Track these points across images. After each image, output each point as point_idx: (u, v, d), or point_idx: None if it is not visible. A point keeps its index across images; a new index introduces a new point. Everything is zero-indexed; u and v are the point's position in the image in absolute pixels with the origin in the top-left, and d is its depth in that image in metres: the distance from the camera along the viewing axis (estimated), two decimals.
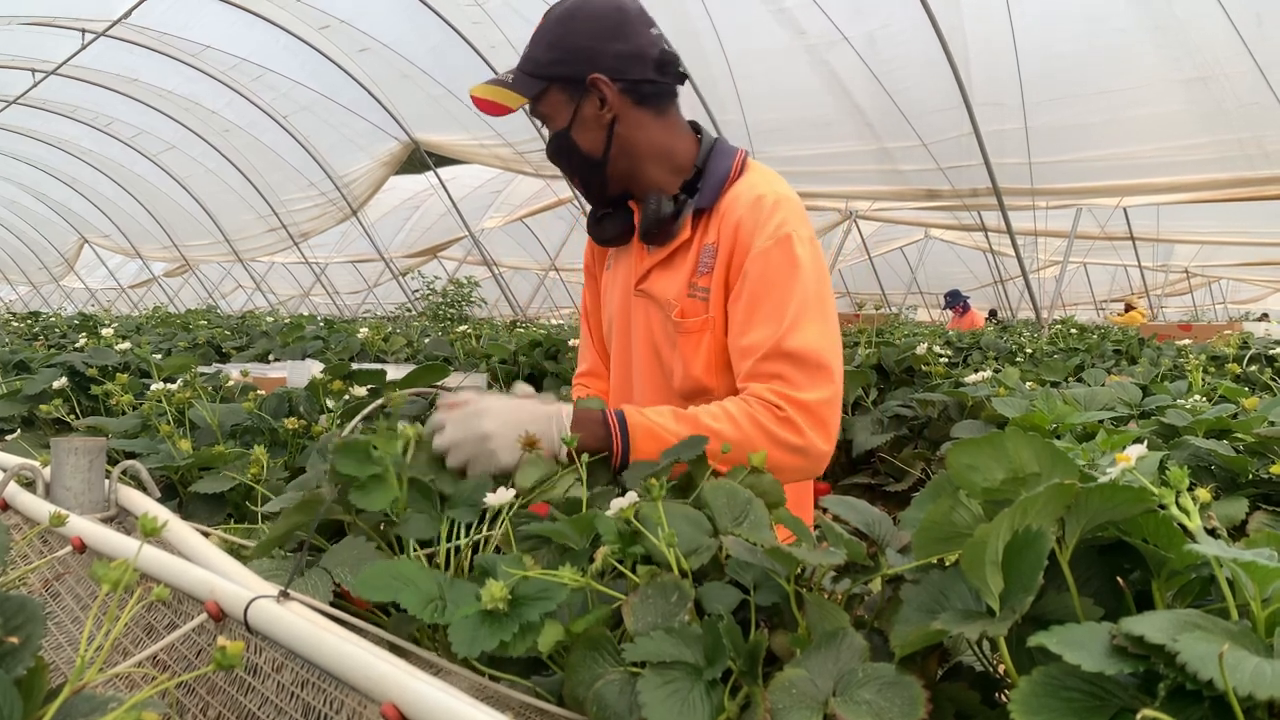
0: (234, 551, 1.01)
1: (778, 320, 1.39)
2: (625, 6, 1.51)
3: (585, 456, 1.11)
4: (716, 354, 1.51)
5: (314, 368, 2.37)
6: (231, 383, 2.09)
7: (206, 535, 1.04)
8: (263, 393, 1.81)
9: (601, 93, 1.49)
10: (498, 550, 0.97)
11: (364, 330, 4.30)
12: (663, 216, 1.52)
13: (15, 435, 1.89)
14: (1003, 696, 0.76)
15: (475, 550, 0.97)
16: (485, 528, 0.99)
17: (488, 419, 1.15)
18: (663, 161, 1.56)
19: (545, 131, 1.57)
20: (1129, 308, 13.51)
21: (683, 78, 1.57)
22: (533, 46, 1.51)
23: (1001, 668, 0.73)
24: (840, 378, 1.41)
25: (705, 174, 1.54)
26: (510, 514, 0.99)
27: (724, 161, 1.55)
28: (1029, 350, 4.00)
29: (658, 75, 1.52)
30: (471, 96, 1.50)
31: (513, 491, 0.99)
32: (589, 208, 1.67)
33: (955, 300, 12.06)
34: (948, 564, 0.76)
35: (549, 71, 1.49)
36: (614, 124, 1.51)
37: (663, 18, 8.39)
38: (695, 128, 1.61)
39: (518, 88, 1.48)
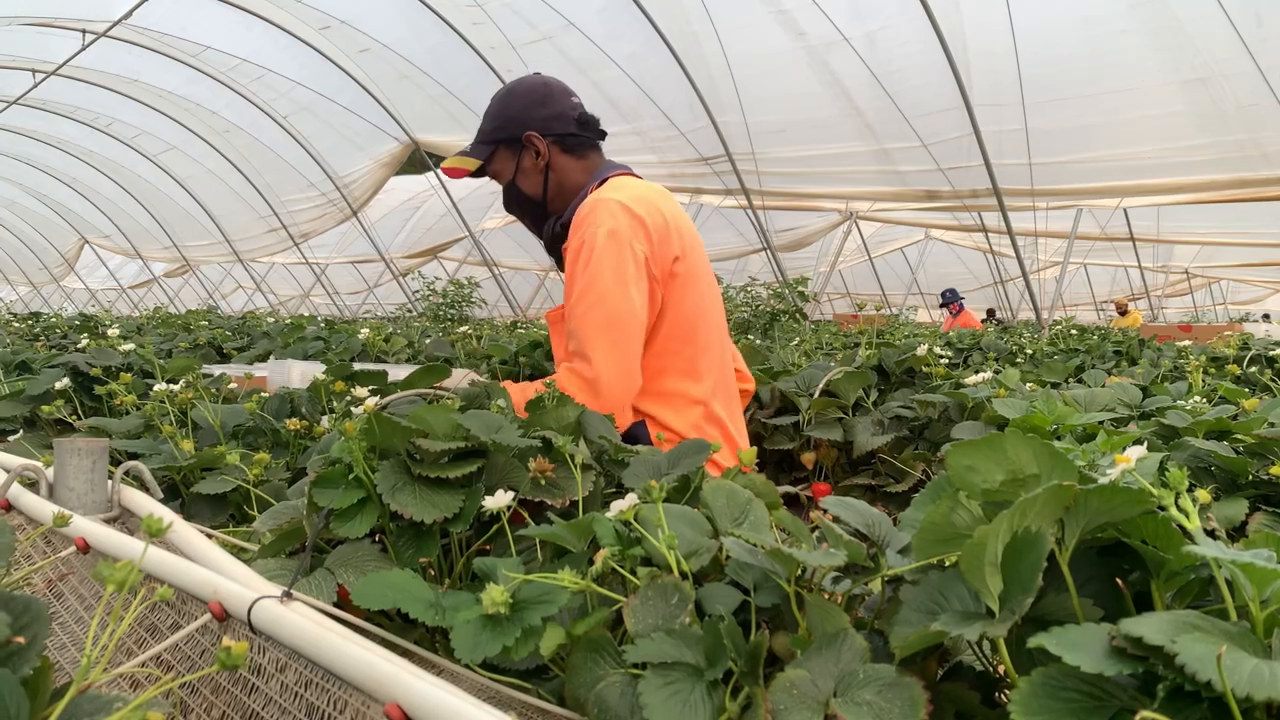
0: (237, 552, 1.01)
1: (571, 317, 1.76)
2: (549, 82, 1.97)
3: (580, 459, 1.11)
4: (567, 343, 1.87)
5: (296, 367, 2.39)
6: (234, 384, 2.09)
7: (210, 536, 1.04)
8: (265, 394, 1.81)
9: (535, 145, 1.90)
10: (484, 552, 0.98)
11: (365, 331, 4.30)
12: (551, 234, 1.94)
13: (18, 436, 1.89)
14: (1003, 697, 0.76)
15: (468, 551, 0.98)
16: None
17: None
18: (571, 197, 1.93)
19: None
20: (1123, 310, 13.50)
21: (602, 134, 1.97)
22: (483, 122, 1.94)
23: (1001, 668, 0.74)
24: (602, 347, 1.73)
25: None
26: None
27: (591, 183, 1.92)
28: (1029, 351, 4.00)
29: (579, 130, 1.93)
30: (442, 169, 1.96)
31: (510, 495, 1.00)
32: None
33: (952, 299, 12.01)
34: (948, 565, 0.76)
35: (494, 137, 1.93)
36: (547, 170, 1.93)
37: (662, 19, 8.40)
38: (619, 170, 1.97)
39: (473, 154, 1.93)
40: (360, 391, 1.69)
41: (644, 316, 1.75)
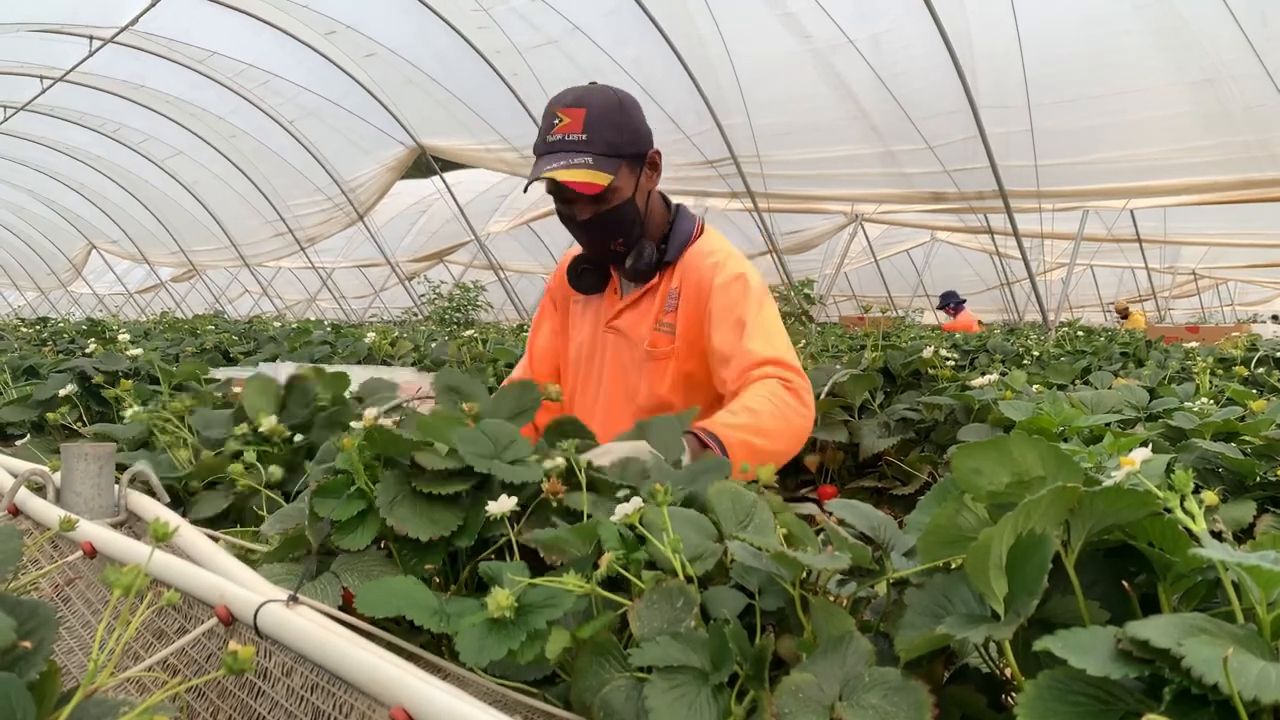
0: (243, 556, 1.01)
1: (754, 334, 1.76)
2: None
3: (585, 461, 1.11)
4: (678, 376, 1.86)
5: (284, 369, 2.39)
6: (237, 389, 2.09)
7: (216, 540, 1.05)
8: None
9: (655, 162, 1.84)
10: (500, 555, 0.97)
11: (371, 335, 4.32)
12: (651, 261, 1.86)
13: (25, 440, 1.90)
14: (1009, 699, 0.76)
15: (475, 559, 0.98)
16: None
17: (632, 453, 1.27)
18: (658, 219, 1.91)
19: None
20: (1124, 313, 13.43)
21: None
22: (594, 131, 1.73)
23: (1008, 671, 0.73)
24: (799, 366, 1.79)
25: (673, 233, 1.90)
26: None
27: (687, 225, 1.92)
28: (1036, 353, 3.99)
29: None
30: (562, 182, 1.71)
31: (514, 500, 0.99)
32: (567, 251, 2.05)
33: (948, 301, 11.92)
34: (953, 568, 0.76)
35: (624, 151, 1.76)
36: (651, 190, 1.87)
37: (667, 22, 8.41)
38: (664, 196, 1.96)
39: (603, 168, 1.73)
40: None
41: None
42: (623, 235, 1.83)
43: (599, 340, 1.98)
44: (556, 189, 1.76)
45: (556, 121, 1.76)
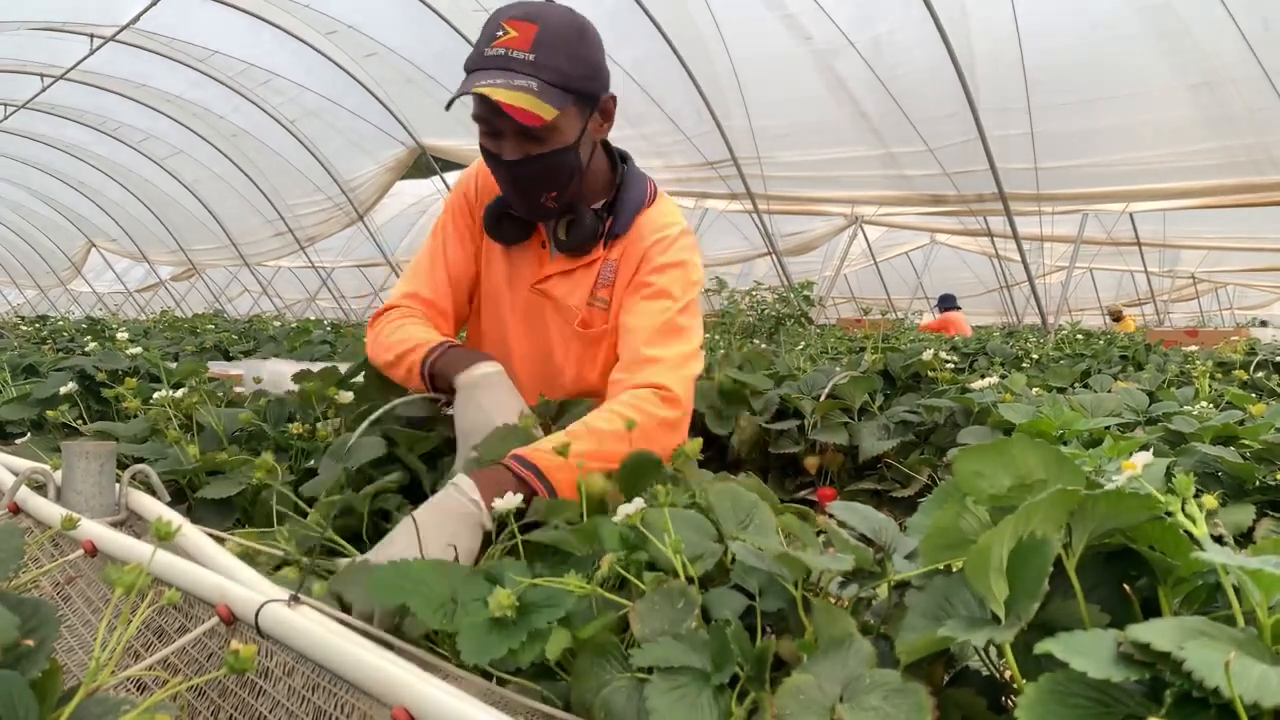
0: (247, 556, 1.01)
1: (665, 338, 1.52)
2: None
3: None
4: (611, 361, 1.59)
5: (267, 365, 2.39)
6: (239, 388, 2.10)
7: (222, 542, 1.05)
8: (242, 389, 1.82)
9: (609, 111, 1.55)
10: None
11: None
12: (593, 232, 1.59)
13: (25, 439, 1.90)
14: (1009, 702, 0.76)
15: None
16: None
17: (409, 551, 1.05)
18: (602, 178, 1.64)
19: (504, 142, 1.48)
20: (1117, 317, 13.43)
21: None
22: (544, 53, 1.40)
23: (1008, 674, 0.73)
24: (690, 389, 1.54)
25: (620, 199, 1.62)
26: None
27: (638, 189, 1.64)
28: (1035, 356, 3.99)
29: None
30: (496, 102, 1.37)
31: (519, 497, 1.00)
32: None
33: (945, 305, 11.89)
34: (954, 570, 0.76)
35: (575, 85, 1.43)
36: (594, 144, 1.57)
37: (668, 23, 8.38)
38: (620, 153, 1.67)
39: (548, 98, 1.39)
40: (345, 396, 1.69)
41: None
42: (556, 189, 1.51)
43: (520, 299, 1.68)
44: (487, 113, 1.42)
45: (500, 34, 1.41)
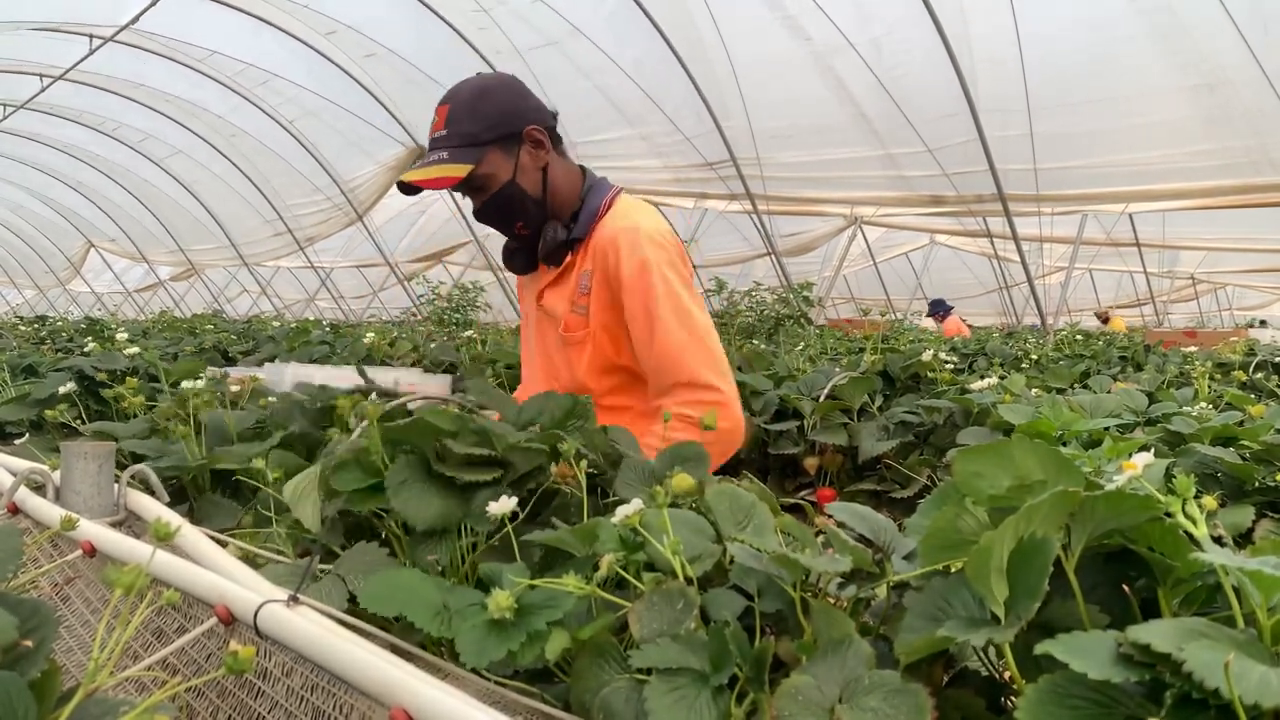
0: (248, 556, 1.01)
1: (668, 330, 1.71)
2: (513, 78, 1.84)
3: (584, 464, 1.11)
4: (596, 361, 1.82)
5: (289, 370, 2.39)
6: (238, 387, 2.09)
7: (224, 545, 1.04)
8: (273, 398, 1.82)
9: (536, 139, 1.78)
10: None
11: (370, 335, 4.31)
12: (558, 241, 1.82)
13: (24, 439, 1.90)
14: (1009, 703, 0.76)
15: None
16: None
17: None
18: (567, 195, 1.85)
19: (467, 200, 1.83)
20: (1105, 319, 13.45)
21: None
22: (454, 124, 1.73)
23: (1007, 674, 0.73)
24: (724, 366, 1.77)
25: (583, 209, 1.84)
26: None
27: (595, 199, 1.85)
28: (1034, 356, 4.00)
29: (554, 123, 1.83)
30: (410, 183, 1.70)
31: (514, 500, 0.99)
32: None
33: (936, 309, 11.92)
34: (954, 571, 0.76)
35: (487, 137, 1.73)
36: (546, 165, 1.81)
37: (668, 24, 8.39)
38: (581, 169, 1.91)
39: (460, 159, 1.71)
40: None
41: None
42: (520, 217, 1.81)
43: (532, 317, 1.98)
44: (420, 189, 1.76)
45: (433, 121, 1.77)
